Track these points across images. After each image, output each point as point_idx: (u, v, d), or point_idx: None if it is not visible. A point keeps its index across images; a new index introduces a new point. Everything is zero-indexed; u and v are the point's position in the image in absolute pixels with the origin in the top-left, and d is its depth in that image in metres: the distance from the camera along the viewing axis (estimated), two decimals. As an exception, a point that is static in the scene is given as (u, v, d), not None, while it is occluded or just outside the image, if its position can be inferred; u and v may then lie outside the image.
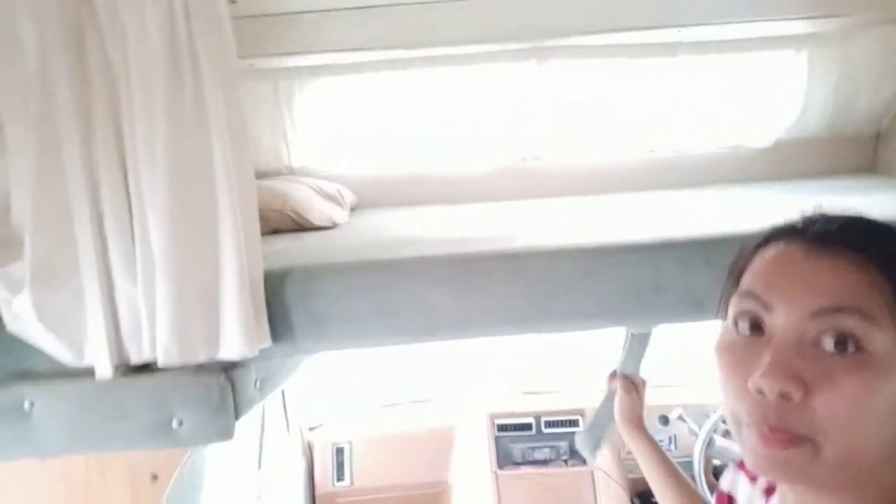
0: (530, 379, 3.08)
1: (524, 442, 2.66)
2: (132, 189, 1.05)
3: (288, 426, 2.75)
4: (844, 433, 0.54)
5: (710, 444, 2.36)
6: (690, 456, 2.52)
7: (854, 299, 0.54)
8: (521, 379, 3.08)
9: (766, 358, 0.55)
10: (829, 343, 0.54)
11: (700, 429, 2.43)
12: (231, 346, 1.07)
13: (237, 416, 1.14)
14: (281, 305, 1.13)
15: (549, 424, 2.68)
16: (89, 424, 1.10)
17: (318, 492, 2.76)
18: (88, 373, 1.11)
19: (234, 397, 1.11)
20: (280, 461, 2.61)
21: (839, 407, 0.53)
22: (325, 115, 2.19)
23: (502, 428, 2.69)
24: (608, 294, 1.12)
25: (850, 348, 0.54)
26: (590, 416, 2.62)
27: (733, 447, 2.38)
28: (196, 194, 1.05)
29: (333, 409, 3.04)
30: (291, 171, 2.30)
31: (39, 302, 1.07)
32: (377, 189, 2.33)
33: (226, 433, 1.12)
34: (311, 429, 2.90)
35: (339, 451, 2.80)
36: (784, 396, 0.54)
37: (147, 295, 1.06)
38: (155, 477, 1.16)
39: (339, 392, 3.07)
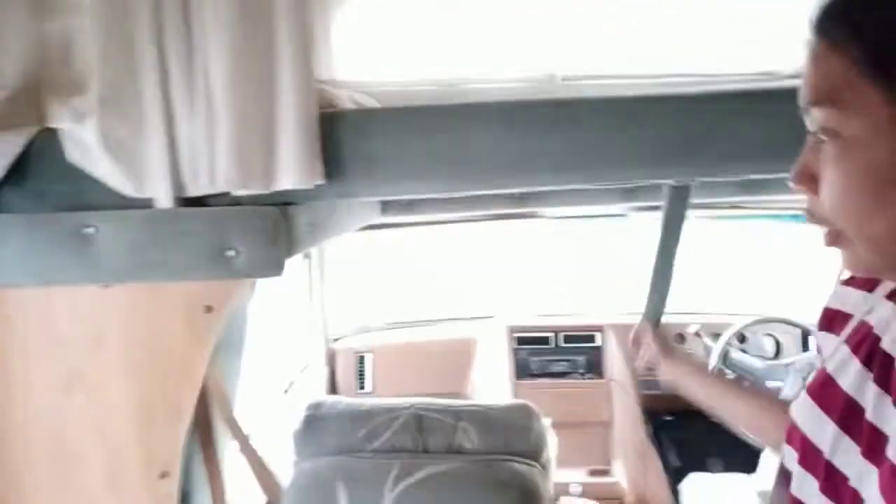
0: (549, 303, 3.16)
1: (542, 355, 2.73)
2: (194, 22, 1.09)
3: (314, 335, 2.84)
4: (848, 220, 0.55)
5: (726, 357, 2.42)
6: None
7: (827, 89, 0.54)
8: (540, 303, 3.16)
9: None
10: (821, 136, 0.56)
11: (716, 344, 2.50)
12: (287, 177, 1.12)
13: (288, 254, 1.19)
14: (333, 146, 1.17)
15: (567, 339, 2.75)
16: (149, 252, 1.15)
17: None
18: (148, 204, 1.16)
19: (286, 234, 1.16)
20: (306, 366, 2.70)
21: (828, 197, 0.56)
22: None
23: (521, 341, 2.76)
24: (651, 143, 1.14)
25: (831, 138, 0.55)
26: (608, 331, 2.71)
27: (749, 360, 2.44)
28: (256, 29, 1.09)
29: (356, 324, 3.12)
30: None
31: (105, 131, 1.11)
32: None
33: (277, 267, 1.17)
34: (334, 339, 2.98)
35: (361, 360, 2.88)
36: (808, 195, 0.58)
37: (208, 126, 1.10)
38: (209, 308, 1.21)
39: (362, 309, 3.16)
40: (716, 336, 2.56)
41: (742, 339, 2.54)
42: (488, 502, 1.32)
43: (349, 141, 1.18)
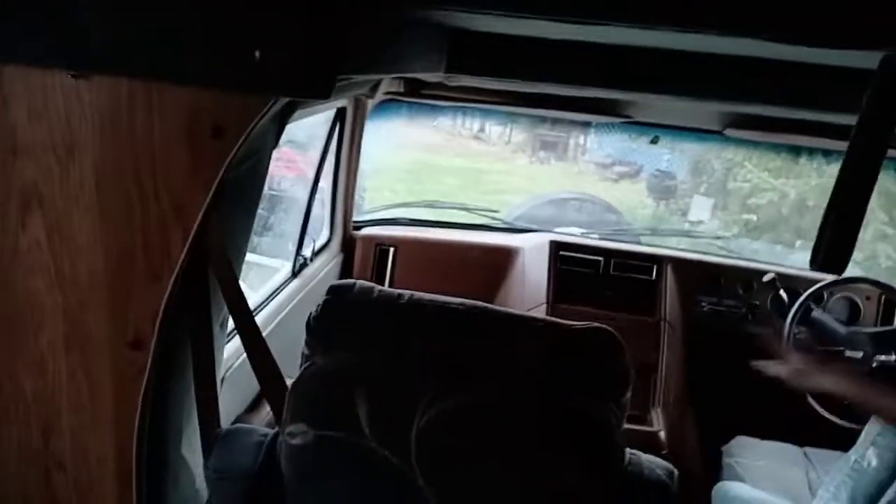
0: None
1: (588, 281, 2.41)
2: None
3: (333, 220, 2.51)
4: None
5: (806, 315, 2.10)
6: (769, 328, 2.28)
7: None
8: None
9: None
10: None
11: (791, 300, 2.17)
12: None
13: (340, 70, 0.83)
14: None
15: (618, 267, 2.42)
16: (142, 35, 0.80)
17: None
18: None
19: (338, 42, 0.80)
20: (319, 254, 2.39)
21: None
22: None
23: (566, 261, 2.43)
24: None
25: None
26: (666, 265, 2.39)
27: (832, 323, 2.12)
28: None
29: (385, 213, 2.80)
30: None
31: None
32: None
33: (323, 85, 0.82)
34: (356, 227, 2.66)
35: (383, 253, 2.57)
36: None
37: None
38: (219, 131, 0.87)
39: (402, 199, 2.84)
40: (791, 291, 2.23)
41: (819, 298, 2.22)
42: (549, 447, 1.02)
43: None
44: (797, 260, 3.85)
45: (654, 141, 2.45)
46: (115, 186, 0.92)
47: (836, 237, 0.98)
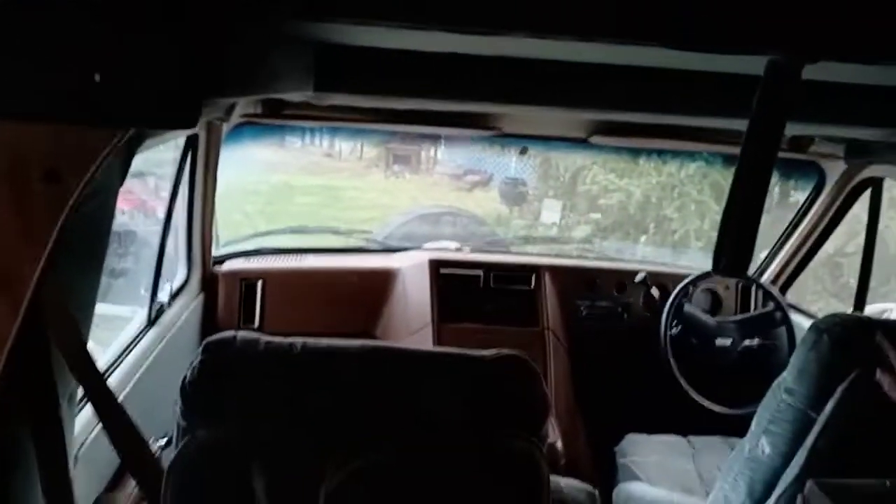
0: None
1: (470, 297, 2.37)
2: None
3: (190, 257, 2.27)
4: None
5: (679, 310, 2.19)
6: (641, 325, 2.37)
7: None
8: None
9: None
10: None
11: (662, 296, 2.27)
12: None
13: (207, 93, 0.70)
14: None
15: (498, 279, 2.40)
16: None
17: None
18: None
19: (205, 59, 0.67)
20: (176, 296, 2.14)
21: None
22: None
23: (446, 278, 2.37)
24: None
25: None
26: (545, 273, 2.42)
27: (701, 315, 2.23)
28: None
29: (246, 244, 2.59)
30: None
31: None
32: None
33: (188, 113, 0.68)
34: (216, 262, 2.43)
35: (250, 289, 2.37)
36: None
37: None
38: (52, 175, 0.69)
39: (255, 224, 2.63)
40: (661, 287, 2.33)
41: (685, 293, 2.33)
42: (474, 492, 0.93)
43: None
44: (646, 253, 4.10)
45: (523, 152, 2.47)
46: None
47: (736, 241, 0.99)
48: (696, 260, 3.54)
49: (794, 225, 2.44)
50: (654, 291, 2.33)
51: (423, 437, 0.95)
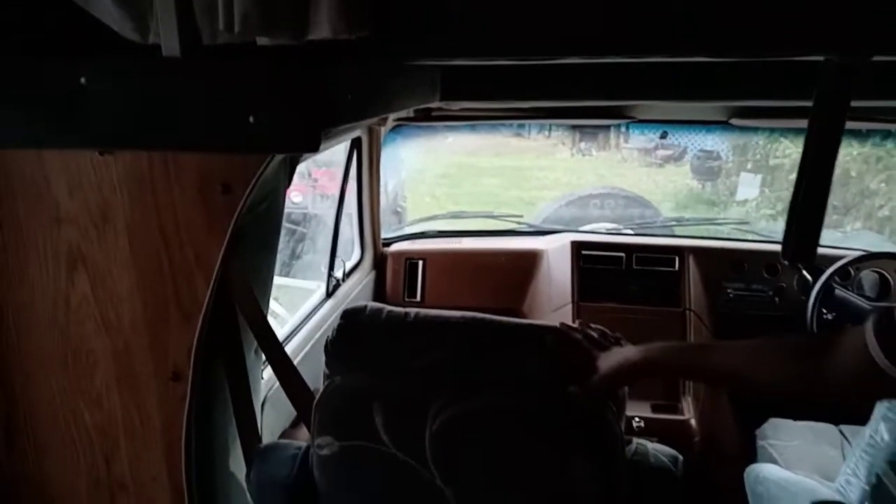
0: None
1: (611, 277, 2.47)
2: None
3: (362, 240, 2.65)
4: None
5: (827, 295, 2.11)
6: (796, 311, 2.29)
7: None
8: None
9: None
10: None
11: (815, 279, 2.18)
12: (322, 25, 0.86)
13: (325, 125, 0.94)
14: None
15: (640, 261, 2.47)
16: (152, 112, 0.92)
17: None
18: (153, 51, 0.92)
19: (321, 99, 0.91)
20: (351, 273, 2.52)
21: None
22: None
23: (588, 260, 2.49)
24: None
25: None
26: (688, 256, 2.44)
27: (855, 300, 2.12)
28: None
29: (411, 227, 2.92)
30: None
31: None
32: None
33: (310, 141, 0.93)
34: (385, 244, 2.79)
35: (413, 267, 2.69)
36: None
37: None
38: (227, 187, 0.99)
39: (443, 206, 2.95)
40: (815, 269, 2.24)
41: (845, 275, 2.22)
42: (554, 443, 1.11)
43: None
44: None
45: (663, 136, 2.50)
46: (145, 243, 1.06)
47: (802, 230, 1.05)
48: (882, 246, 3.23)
49: None
50: (806, 274, 2.25)
51: (510, 392, 1.14)
